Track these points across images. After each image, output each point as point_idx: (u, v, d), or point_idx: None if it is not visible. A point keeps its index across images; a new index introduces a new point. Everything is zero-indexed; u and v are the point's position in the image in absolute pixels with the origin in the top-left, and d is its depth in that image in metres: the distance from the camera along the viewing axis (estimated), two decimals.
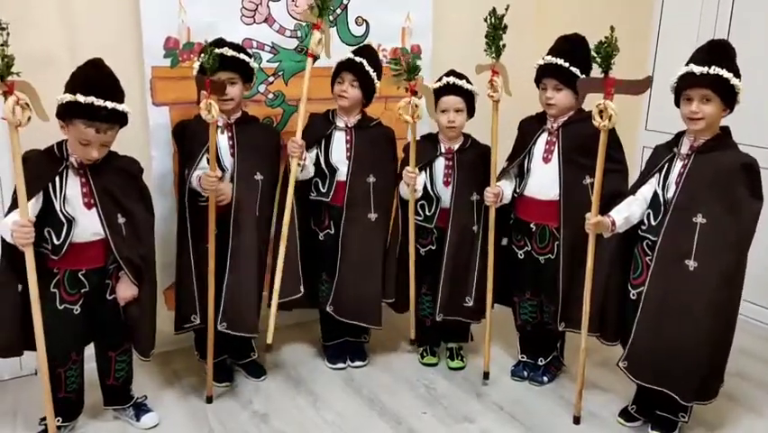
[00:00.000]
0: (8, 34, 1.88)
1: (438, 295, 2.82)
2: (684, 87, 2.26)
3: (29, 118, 1.96)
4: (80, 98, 2.05)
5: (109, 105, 2.09)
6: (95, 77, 2.11)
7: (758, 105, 3.15)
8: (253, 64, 2.63)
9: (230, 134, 2.63)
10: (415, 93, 2.61)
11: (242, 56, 2.55)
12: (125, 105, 2.14)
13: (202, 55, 2.35)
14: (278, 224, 2.73)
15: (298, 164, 2.62)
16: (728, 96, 2.23)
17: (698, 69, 2.20)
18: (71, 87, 2.08)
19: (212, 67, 2.27)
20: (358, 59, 2.71)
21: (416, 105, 2.59)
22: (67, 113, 2.09)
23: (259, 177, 2.65)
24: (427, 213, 2.84)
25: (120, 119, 2.15)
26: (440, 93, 2.72)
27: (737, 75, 2.22)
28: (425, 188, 2.80)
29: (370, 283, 2.83)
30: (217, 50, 2.43)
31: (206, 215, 2.49)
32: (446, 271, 2.80)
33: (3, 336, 2.24)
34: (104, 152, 2.19)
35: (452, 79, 2.70)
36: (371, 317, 2.86)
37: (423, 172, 2.81)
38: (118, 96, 2.13)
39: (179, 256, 2.68)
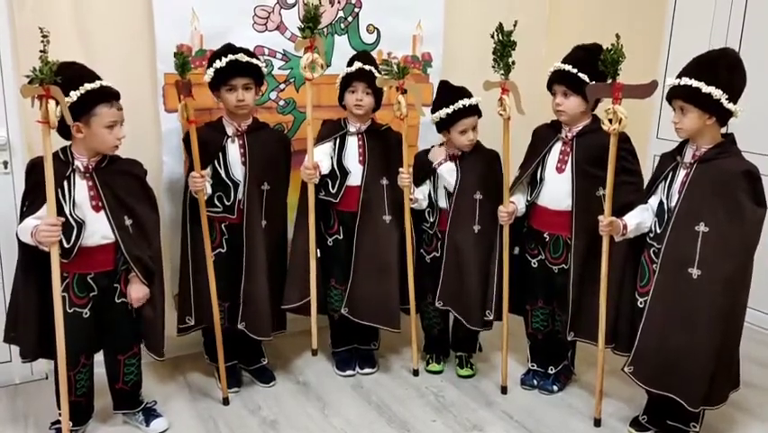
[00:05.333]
0: (48, 42, 1.93)
1: (439, 283, 2.80)
2: (668, 98, 2.32)
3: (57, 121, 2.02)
4: (94, 85, 2.15)
5: (111, 85, 2.21)
6: (82, 70, 2.19)
7: None
8: (264, 68, 2.67)
9: (241, 143, 2.64)
10: (404, 91, 2.62)
11: (255, 61, 2.59)
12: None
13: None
14: (296, 231, 2.80)
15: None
16: (706, 106, 2.21)
17: (671, 82, 2.26)
18: (72, 86, 2.11)
19: (182, 69, 2.39)
20: (367, 67, 2.72)
21: (399, 102, 2.61)
22: (87, 105, 2.14)
23: (265, 187, 2.67)
24: (431, 219, 2.85)
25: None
26: (457, 116, 2.70)
27: (722, 85, 2.18)
28: (429, 196, 2.83)
29: (386, 285, 2.81)
30: (231, 57, 2.49)
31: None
32: (446, 260, 2.78)
33: (27, 339, 2.30)
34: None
35: (466, 102, 2.69)
36: (389, 319, 2.83)
37: (428, 182, 2.83)
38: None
39: (181, 260, 2.71)
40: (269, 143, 2.71)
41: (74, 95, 2.11)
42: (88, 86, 2.14)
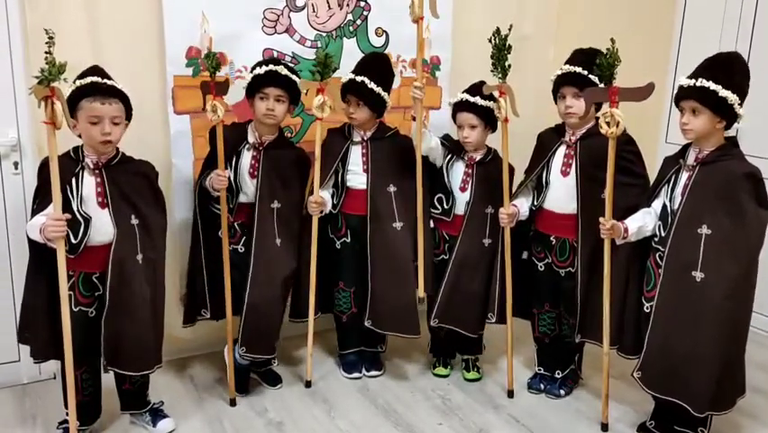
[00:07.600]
0: (54, 43, 1.96)
1: (437, 299, 2.80)
2: (677, 99, 2.31)
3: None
4: (84, 81, 2.17)
5: (108, 81, 2.20)
6: (90, 69, 2.23)
7: None
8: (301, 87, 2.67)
9: (255, 155, 2.65)
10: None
11: (293, 76, 2.59)
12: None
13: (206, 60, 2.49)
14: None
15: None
16: (720, 109, 2.21)
17: (685, 82, 2.25)
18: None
19: (215, 69, 2.44)
20: (359, 78, 2.68)
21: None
22: (74, 100, 2.16)
23: (276, 205, 2.67)
24: (445, 206, 2.82)
25: (121, 96, 2.23)
26: (455, 109, 2.74)
27: (735, 89, 2.19)
28: (442, 183, 2.80)
29: (403, 292, 2.79)
30: (272, 67, 2.53)
31: (218, 220, 2.58)
32: (449, 278, 2.78)
33: (37, 339, 2.30)
34: (117, 134, 2.23)
35: (465, 96, 2.70)
36: (409, 326, 2.81)
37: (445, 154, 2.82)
38: (113, 80, 2.24)
39: (191, 257, 2.72)
40: (284, 163, 2.70)
41: (66, 91, 2.13)
42: (78, 82, 2.17)
